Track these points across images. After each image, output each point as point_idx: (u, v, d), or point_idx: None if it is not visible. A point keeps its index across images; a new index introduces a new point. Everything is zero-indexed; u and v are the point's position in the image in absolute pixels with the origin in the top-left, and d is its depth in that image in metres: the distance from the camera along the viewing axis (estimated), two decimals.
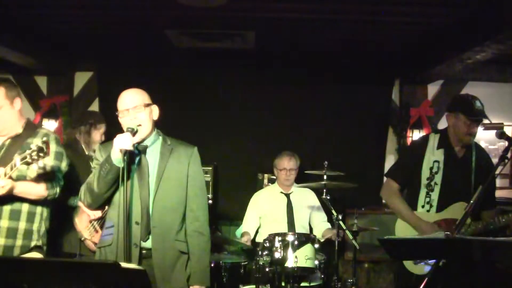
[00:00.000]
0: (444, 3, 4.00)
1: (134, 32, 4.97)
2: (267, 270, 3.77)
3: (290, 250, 3.72)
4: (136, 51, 5.60)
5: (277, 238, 3.80)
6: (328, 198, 4.04)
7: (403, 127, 5.75)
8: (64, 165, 3.11)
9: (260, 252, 3.82)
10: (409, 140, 5.67)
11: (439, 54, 4.93)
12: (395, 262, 3.49)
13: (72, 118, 5.65)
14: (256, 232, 4.70)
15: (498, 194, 3.49)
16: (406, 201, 3.53)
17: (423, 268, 3.26)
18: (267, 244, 3.82)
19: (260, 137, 5.68)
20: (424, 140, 3.57)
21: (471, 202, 2.75)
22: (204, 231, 2.92)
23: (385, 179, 3.79)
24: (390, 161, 5.70)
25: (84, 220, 3.89)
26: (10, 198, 2.89)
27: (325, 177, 4.11)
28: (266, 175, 5.47)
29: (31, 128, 3.09)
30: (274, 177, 4.95)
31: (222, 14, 4.34)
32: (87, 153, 4.18)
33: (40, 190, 2.97)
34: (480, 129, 3.41)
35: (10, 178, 2.76)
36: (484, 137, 5.29)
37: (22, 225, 2.99)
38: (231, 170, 5.65)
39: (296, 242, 3.75)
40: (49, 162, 2.96)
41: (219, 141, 5.63)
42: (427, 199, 3.38)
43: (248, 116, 5.74)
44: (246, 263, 4.39)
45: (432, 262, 3.15)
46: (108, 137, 4.18)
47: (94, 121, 4.24)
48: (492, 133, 3.24)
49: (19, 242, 2.98)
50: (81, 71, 6.07)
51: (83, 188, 2.83)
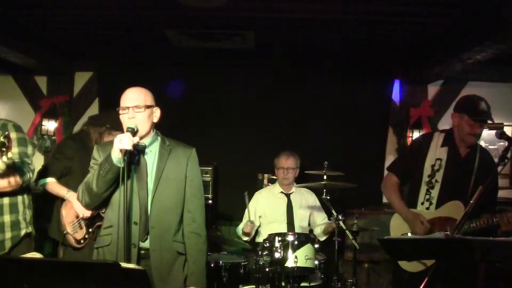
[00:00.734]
0: (444, 3, 4.00)
1: (134, 32, 4.97)
2: (267, 270, 3.77)
3: (290, 250, 3.72)
4: (136, 51, 5.60)
5: (277, 238, 3.80)
6: (328, 198, 4.04)
7: (403, 127, 5.76)
8: (30, 149, 3.13)
9: (260, 252, 3.82)
10: (409, 140, 5.67)
11: (439, 54, 4.94)
12: (394, 262, 3.49)
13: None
14: (256, 232, 4.70)
15: (498, 194, 3.48)
16: (407, 197, 3.55)
17: (415, 265, 3.27)
18: (267, 244, 3.83)
19: (260, 137, 5.68)
20: (428, 137, 3.58)
21: (471, 202, 2.75)
22: (201, 232, 2.92)
23: (385, 173, 3.81)
24: (390, 161, 5.68)
25: (71, 215, 3.90)
26: None
27: (325, 177, 4.11)
28: (266, 175, 5.47)
29: None
30: (274, 177, 4.95)
31: (222, 14, 4.34)
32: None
33: (13, 181, 3.00)
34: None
35: None
36: (484, 137, 5.28)
37: (7, 218, 3.04)
38: (231, 170, 5.66)
39: (296, 242, 3.75)
40: (14, 150, 2.95)
41: (219, 141, 5.64)
42: (427, 196, 3.39)
43: (248, 116, 5.74)
44: (246, 263, 4.39)
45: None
46: None
47: (111, 126, 4.23)
48: (492, 133, 3.25)
49: (8, 234, 3.04)
50: (81, 71, 6.07)
51: (80, 188, 2.82)
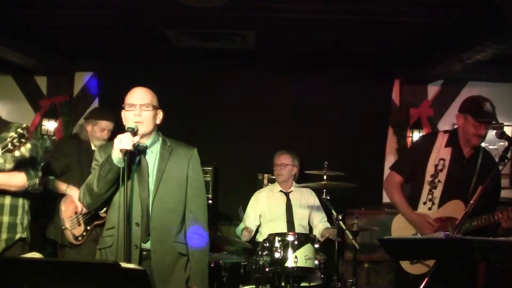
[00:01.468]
0: (444, 3, 4.00)
1: (134, 32, 4.97)
2: (267, 270, 3.77)
3: (290, 250, 3.72)
4: (136, 51, 5.60)
5: (277, 238, 3.80)
6: (328, 198, 4.04)
7: (403, 127, 5.76)
8: (40, 156, 3.17)
9: (260, 252, 3.82)
10: (409, 140, 5.67)
11: (439, 54, 4.93)
12: (394, 262, 3.49)
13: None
14: (256, 231, 4.71)
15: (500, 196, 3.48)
16: (409, 197, 3.54)
17: (420, 268, 3.26)
18: (267, 244, 3.82)
19: (260, 137, 5.68)
20: (432, 137, 3.57)
21: (471, 202, 2.75)
22: (203, 233, 2.92)
23: (386, 175, 3.80)
24: (390, 161, 5.69)
25: (70, 211, 3.91)
26: None
27: (325, 177, 4.11)
28: (266, 175, 5.47)
29: (3, 123, 3.13)
30: (274, 177, 4.96)
31: (222, 14, 4.34)
32: (93, 148, 4.19)
33: (20, 180, 3.01)
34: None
35: None
36: None
37: (6, 218, 3.05)
38: (231, 170, 5.66)
39: (296, 242, 3.75)
40: (26, 152, 2.97)
41: (219, 141, 5.64)
42: (429, 196, 3.39)
43: (248, 116, 5.74)
44: (246, 263, 4.39)
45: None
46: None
47: (91, 117, 4.27)
48: (492, 133, 3.24)
49: (4, 235, 3.04)
50: (81, 71, 6.07)
51: (82, 189, 2.83)
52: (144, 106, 2.77)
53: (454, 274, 2.98)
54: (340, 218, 4.01)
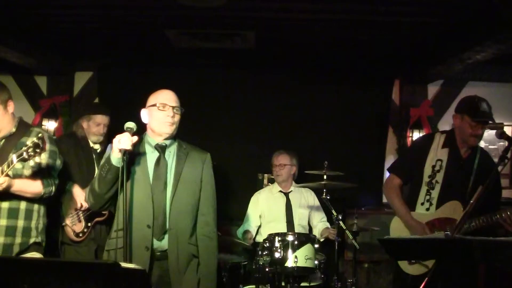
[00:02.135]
0: (444, 3, 4.00)
1: (134, 32, 4.96)
2: (267, 270, 3.77)
3: (290, 250, 3.72)
4: (136, 51, 5.60)
5: (277, 238, 3.80)
6: (328, 198, 4.04)
7: (403, 127, 5.75)
8: (58, 163, 3.14)
9: (260, 252, 3.82)
10: (409, 140, 5.66)
11: (439, 54, 4.93)
12: (393, 262, 3.49)
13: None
14: (256, 232, 4.71)
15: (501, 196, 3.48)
16: (407, 197, 3.54)
17: (418, 268, 3.26)
18: (267, 244, 3.83)
19: (260, 137, 5.68)
20: (429, 138, 3.57)
21: (471, 202, 2.75)
22: (213, 236, 2.95)
23: (385, 175, 3.80)
24: (390, 161, 5.68)
25: (70, 207, 3.90)
26: (7, 196, 2.92)
27: (325, 177, 4.11)
28: (266, 175, 5.47)
29: (24, 127, 3.12)
30: (273, 176, 4.96)
31: (222, 14, 4.34)
32: (91, 145, 4.19)
33: (36, 188, 3.00)
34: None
35: (7, 175, 2.78)
36: (484, 137, 5.27)
37: (21, 223, 3.02)
38: (231, 170, 5.65)
39: (296, 242, 3.75)
40: (43, 160, 2.97)
41: (219, 141, 5.63)
42: (427, 197, 3.39)
43: (248, 116, 5.74)
44: (246, 263, 4.39)
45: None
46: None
47: (85, 112, 4.27)
48: (492, 133, 3.25)
49: (18, 239, 3.01)
50: (81, 71, 6.06)
51: (88, 189, 2.87)
52: (175, 108, 2.87)
53: (454, 274, 2.98)
54: (340, 218, 4.01)
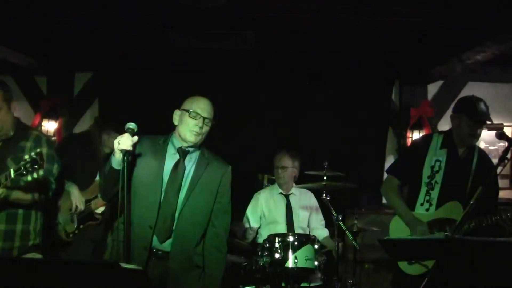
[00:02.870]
0: (444, 3, 4.00)
1: (134, 32, 4.97)
2: (267, 270, 3.76)
3: (290, 251, 3.72)
4: (136, 51, 5.60)
5: (277, 239, 3.79)
6: (328, 198, 4.04)
7: (403, 127, 5.75)
8: (55, 167, 3.10)
9: (260, 253, 3.81)
10: (409, 141, 5.66)
11: (439, 54, 4.93)
12: (393, 262, 3.48)
13: (103, 115, 5.64)
14: (256, 233, 4.70)
15: (498, 194, 3.48)
16: (406, 198, 3.54)
17: (417, 268, 3.26)
18: (267, 245, 3.82)
19: (260, 137, 5.68)
20: (427, 139, 3.57)
21: (471, 202, 2.74)
22: (222, 248, 2.94)
23: (385, 176, 3.80)
24: (390, 161, 5.69)
25: (65, 207, 3.91)
26: (5, 203, 2.89)
27: (325, 177, 4.11)
28: (266, 175, 5.46)
29: (22, 130, 3.08)
30: (274, 177, 4.95)
31: (222, 14, 4.35)
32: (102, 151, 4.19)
33: (36, 196, 2.98)
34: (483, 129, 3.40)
35: (5, 187, 2.76)
36: (484, 137, 5.28)
37: (19, 227, 3.01)
38: (231, 170, 5.64)
39: (296, 243, 3.74)
40: (41, 173, 2.94)
41: (219, 141, 5.61)
42: (427, 198, 3.39)
43: (248, 116, 5.74)
44: (246, 263, 4.39)
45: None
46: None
47: (109, 127, 4.23)
48: (492, 133, 3.24)
49: (17, 243, 3.00)
50: (81, 71, 6.07)
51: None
52: (207, 120, 2.82)
53: (454, 274, 2.98)
54: (340, 218, 4.00)
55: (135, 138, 2.69)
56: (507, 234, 3.09)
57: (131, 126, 2.70)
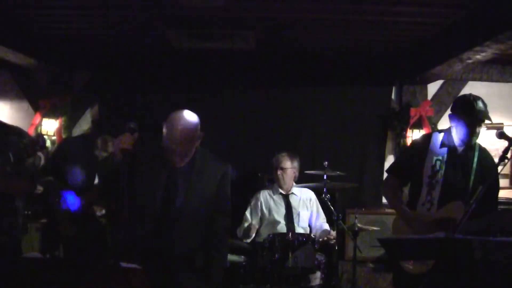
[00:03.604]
0: (444, 3, 4.00)
1: (134, 32, 4.96)
2: (267, 270, 3.77)
3: (290, 250, 3.72)
4: (136, 51, 5.60)
5: (277, 238, 3.80)
6: (328, 198, 4.04)
7: (403, 127, 5.75)
8: (40, 163, 3.13)
9: (260, 252, 3.82)
10: (409, 140, 5.67)
11: (439, 54, 4.93)
12: (393, 262, 3.48)
13: (101, 118, 5.65)
14: (256, 232, 4.70)
15: (499, 194, 3.47)
16: (408, 198, 3.54)
17: (418, 268, 3.26)
18: (267, 244, 3.83)
19: (260, 137, 5.67)
20: (427, 138, 3.57)
21: (471, 202, 2.74)
22: (222, 249, 2.95)
23: (385, 176, 3.80)
24: (390, 161, 5.69)
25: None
26: None
27: (325, 177, 4.11)
28: (266, 175, 5.47)
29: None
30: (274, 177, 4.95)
31: (222, 14, 4.34)
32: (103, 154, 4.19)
33: (20, 186, 3.00)
34: (483, 129, 3.40)
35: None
36: (484, 137, 5.27)
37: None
38: (231, 170, 5.64)
39: (296, 242, 3.75)
40: (35, 160, 2.97)
41: (219, 141, 5.63)
42: (428, 197, 3.38)
43: (249, 116, 5.74)
44: (246, 263, 4.39)
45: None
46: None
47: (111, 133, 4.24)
48: (492, 133, 3.24)
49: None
50: (81, 71, 6.06)
51: None
52: (189, 144, 2.81)
53: (453, 274, 2.98)
54: (340, 218, 4.01)
55: (136, 137, 2.70)
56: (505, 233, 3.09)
57: (132, 125, 2.70)
